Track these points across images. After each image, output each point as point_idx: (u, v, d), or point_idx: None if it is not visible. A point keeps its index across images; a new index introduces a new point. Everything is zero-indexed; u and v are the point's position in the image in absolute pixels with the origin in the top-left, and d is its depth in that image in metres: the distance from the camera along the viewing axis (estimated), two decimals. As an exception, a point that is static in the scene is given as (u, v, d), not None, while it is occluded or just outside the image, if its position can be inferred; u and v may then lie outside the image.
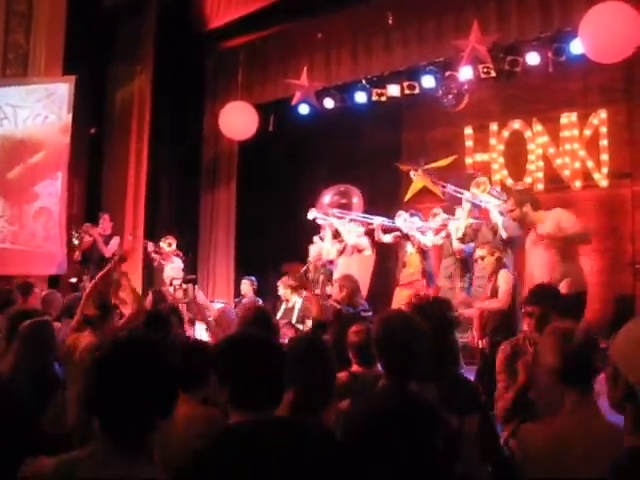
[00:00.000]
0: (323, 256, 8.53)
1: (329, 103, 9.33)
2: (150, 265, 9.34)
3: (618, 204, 8.15)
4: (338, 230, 8.51)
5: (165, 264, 8.96)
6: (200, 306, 6.07)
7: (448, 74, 8.30)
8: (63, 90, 8.51)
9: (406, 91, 8.71)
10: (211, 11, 9.60)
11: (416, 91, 8.68)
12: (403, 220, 7.97)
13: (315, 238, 8.89)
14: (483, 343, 5.42)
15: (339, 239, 8.54)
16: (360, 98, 9.14)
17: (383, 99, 8.93)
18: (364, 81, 8.99)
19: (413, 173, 8.96)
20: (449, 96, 8.55)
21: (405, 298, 6.49)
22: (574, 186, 8.46)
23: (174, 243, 9.07)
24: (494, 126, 9.13)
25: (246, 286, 8.46)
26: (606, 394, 1.64)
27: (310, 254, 8.74)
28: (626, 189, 8.11)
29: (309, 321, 7.12)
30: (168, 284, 8.20)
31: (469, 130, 9.34)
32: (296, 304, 7.63)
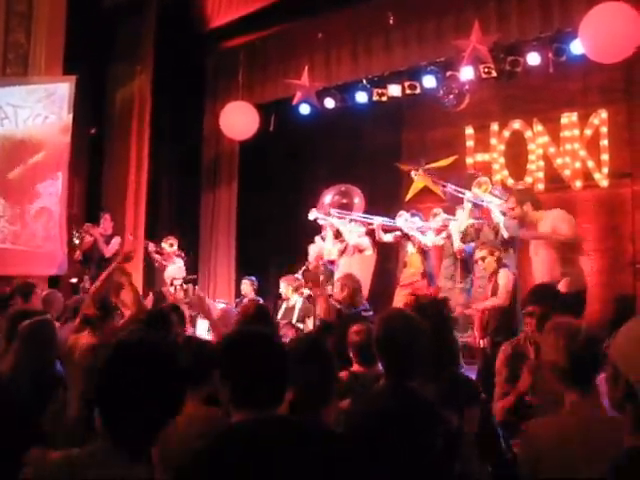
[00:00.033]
0: (324, 256, 8.51)
1: (330, 103, 9.30)
2: (150, 265, 9.34)
3: (618, 204, 8.15)
4: (339, 230, 8.51)
5: (167, 265, 8.95)
6: (207, 303, 6.05)
7: (449, 74, 8.28)
8: (63, 90, 8.51)
9: (407, 91, 8.69)
10: (211, 11, 9.59)
11: (417, 91, 8.66)
12: (404, 220, 7.96)
13: (316, 238, 8.88)
14: (484, 343, 5.42)
15: (340, 239, 8.52)
16: (361, 98, 9.12)
17: (384, 99, 8.91)
18: (365, 81, 8.97)
19: (414, 173, 8.94)
20: (450, 96, 8.54)
21: (404, 298, 6.49)
22: (574, 186, 8.45)
23: (176, 243, 9.05)
24: (495, 126, 9.11)
25: (246, 286, 8.46)
26: (606, 394, 1.64)
27: (310, 254, 8.73)
28: (626, 189, 8.10)
29: (309, 321, 7.13)
30: (169, 284, 8.21)
31: (470, 130, 9.32)
32: (297, 304, 7.62)
